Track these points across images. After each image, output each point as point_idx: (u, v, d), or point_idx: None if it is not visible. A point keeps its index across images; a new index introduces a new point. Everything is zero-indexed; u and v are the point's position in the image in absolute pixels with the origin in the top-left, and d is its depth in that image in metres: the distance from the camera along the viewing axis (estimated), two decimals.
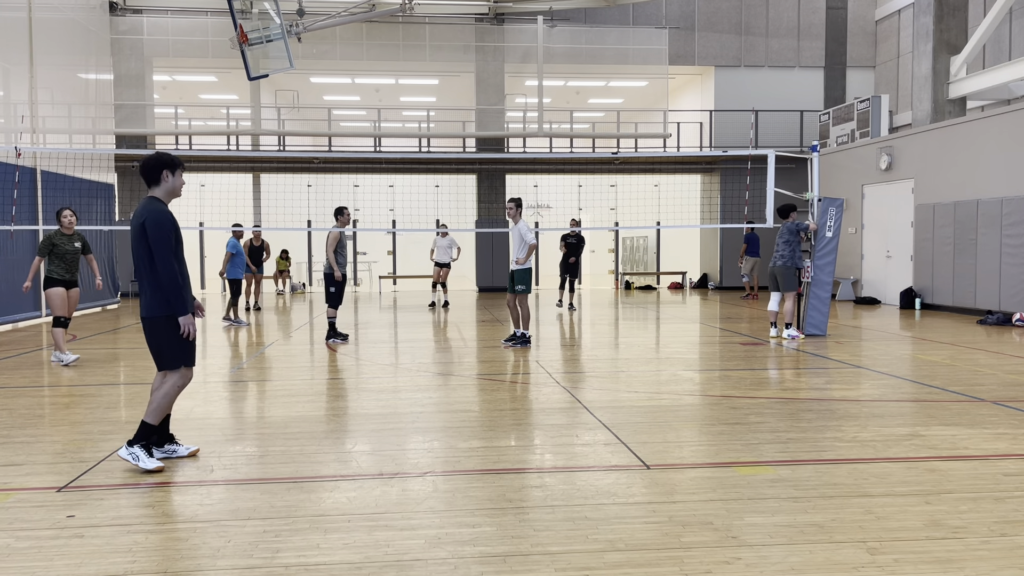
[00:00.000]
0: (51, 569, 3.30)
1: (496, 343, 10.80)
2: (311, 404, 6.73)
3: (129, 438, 4.86)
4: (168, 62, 22.66)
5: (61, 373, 8.56)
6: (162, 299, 4.67)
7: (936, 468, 4.65)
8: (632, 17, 22.77)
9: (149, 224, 4.63)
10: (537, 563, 3.32)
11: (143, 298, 4.76)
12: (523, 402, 6.82)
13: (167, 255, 4.64)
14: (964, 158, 14.96)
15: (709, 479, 4.48)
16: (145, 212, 4.68)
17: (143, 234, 4.64)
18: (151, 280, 4.67)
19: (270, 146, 24.48)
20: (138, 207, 4.78)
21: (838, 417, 6.03)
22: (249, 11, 16.41)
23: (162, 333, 4.72)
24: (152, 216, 4.65)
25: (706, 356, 9.83)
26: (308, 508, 4.02)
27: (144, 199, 4.81)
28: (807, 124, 23.11)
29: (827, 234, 11.30)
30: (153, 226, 4.63)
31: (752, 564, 3.30)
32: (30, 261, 14.14)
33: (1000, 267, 13.86)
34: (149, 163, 4.81)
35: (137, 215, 4.72)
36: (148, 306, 4.72)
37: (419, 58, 22.47)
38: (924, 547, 3.47)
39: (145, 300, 4.74)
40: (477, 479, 4.49)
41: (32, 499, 4.18)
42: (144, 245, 4.65)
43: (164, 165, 4.80)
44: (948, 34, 17.04)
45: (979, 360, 8.98)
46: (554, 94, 26.17)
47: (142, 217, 4.67)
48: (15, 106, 15.36)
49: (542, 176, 24.09)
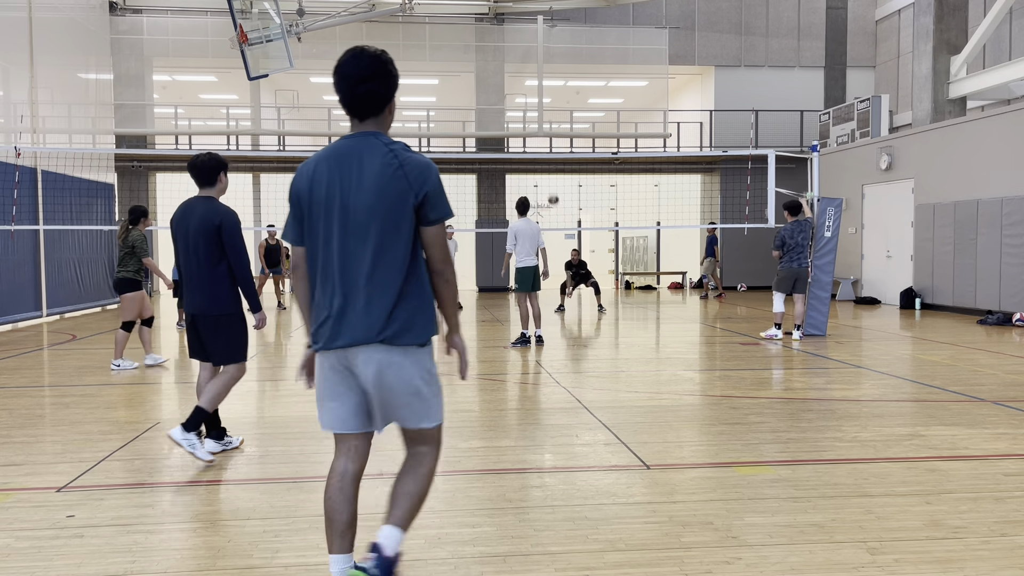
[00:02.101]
0: (51, 569, 3.30)
1: (496, 343, 10.80)
2: (311, 404, 6.73)
3: (183, 422, 4.81)
4: (168, 62, 22.66)
5: (61, 373, 8.55)
6: (235, 296, 4.82)
7: (936, 468, 4.65)
8: (632, 17, 22.77)
9: (226, 226, 4.75)
10: (537, 563, 3.32)
11: (200, 296, 4.79)
12: (523, 402, 6.82)
13: (245, 255, 4.83)
14: (964, 158, 14.96)
15: (709, 479, 4.48)
16: (217, 214, 4.77)
17: (217, 234, 4.73)
18: (215, 278, 4.76)
19: (270, 146, 24.47)
20: (198, 207, 4.82)
21: (838, 417, 6.03)
22: (249, 11, 16.40)
23: (232, 329, 4.85)
24: (228, 218, 4.79)
25: (706, 356, 9.83)
26: (308, 508, 4.02)
27: (201, 199, 4.89)
28: (807, 124, 23.10)
29: (826, 234, 11.31)
30: (230, 227, 4.77)
31: (752, 564, 3.30)
32: (31, 261, 14.17)
33: (1000, 267, 13.86)
34: (207, 164, 4.89)
35: (203, 216, 4.76)
36: (214, 303, 4.78)
37: (419, 58, 22.46)
38: (924, 547, 3.47)
39: (207, 297, 4.78)
40: (477, 479, 4.49)
41: (32, 499, 4.18)
42: (215, 244, 4.73)
43: (222, 167, 4.94)
44: (948, 34, 17.04)
45: (979, 360, 8.98)
46: (554, 94, 26.16)
47: (217, 218, 4.74)
48: (15, 106, 15.37)
49: (542, 176, 24.09)
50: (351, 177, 2.68)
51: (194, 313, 4.87)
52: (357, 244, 2.68)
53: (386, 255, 2.67)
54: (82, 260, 16.00)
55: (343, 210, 2.68)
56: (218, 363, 4.94)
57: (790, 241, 10.80)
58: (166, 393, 7.39)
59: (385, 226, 2.66)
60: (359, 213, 2.66)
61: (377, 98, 2.73)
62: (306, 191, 2.75)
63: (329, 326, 2.72)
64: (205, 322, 4.85)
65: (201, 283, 4.80)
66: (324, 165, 2.73)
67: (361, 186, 2.66)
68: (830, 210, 11.35)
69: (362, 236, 2.67)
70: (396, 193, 2.65)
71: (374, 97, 2.73)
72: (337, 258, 2.70)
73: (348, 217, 2.67)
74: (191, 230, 4.79)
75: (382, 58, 2.73)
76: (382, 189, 2.65)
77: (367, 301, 2.67)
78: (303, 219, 2.77)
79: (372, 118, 2.77)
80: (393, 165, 2.66)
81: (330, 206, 2.70)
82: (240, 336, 4.91)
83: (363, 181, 2.66)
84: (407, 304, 2.70)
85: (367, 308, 2.67)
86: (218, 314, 4.82)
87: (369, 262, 2.67)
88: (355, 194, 2.67)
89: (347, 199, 2.68)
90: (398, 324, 2.68)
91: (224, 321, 4.84)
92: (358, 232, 2.67)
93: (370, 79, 2.70)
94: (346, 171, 2.69)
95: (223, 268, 4.79)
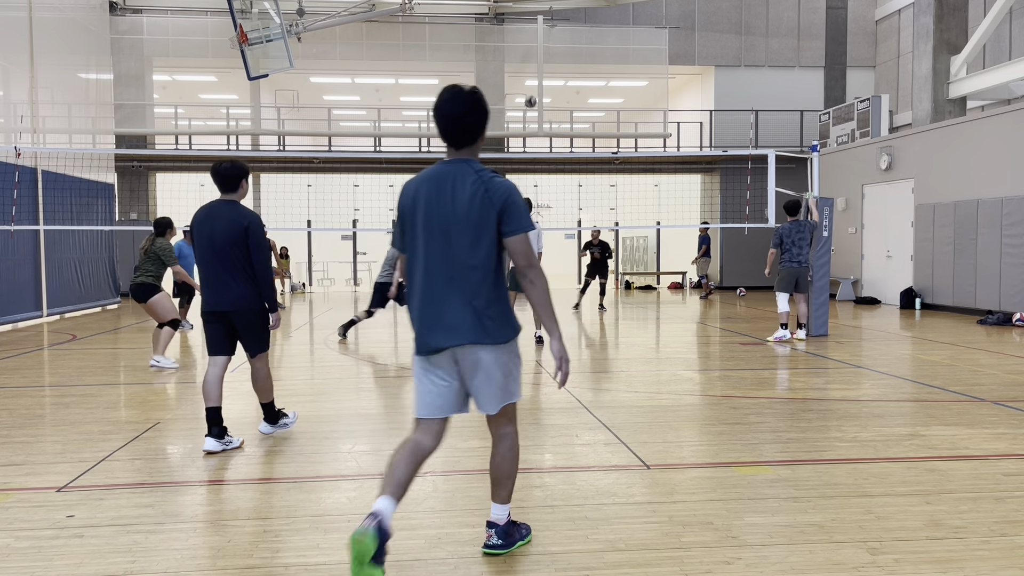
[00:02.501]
0: (51, 569, 3.30)
1: None
2: (311, 404, 6.73)
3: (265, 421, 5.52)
4: (168, 62, 22.67)
5: (61, 373, 8.55)
6: (257, 293, 5.17)
7: (936, 468, 4.65)
8: (632, 17, 22.77)
9: (254, 228, 5.11)
10: (537, 563, 3.32)
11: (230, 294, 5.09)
12: (523, 402, 6.82)
13: (268, 257, 5.24)
14: (964, 158, 14.96)
15: (709, 479, 4.48)
16: (245, 217, 5.12)
17: (245, 236, 5.07)
18: (247, 275, 5.11)
19: (270, 146, 24.48)
20: (226, 211, 5.13)
21: (838, 417, 6.03)
22: (249, 11, 16.40)
23: (262, 322, 5.26)
24: (255, 221, 5.15)
25: (706, 356, 9.83)
26: (308, 508, 4.02)
27: (228, 203, 5.20)
28: (807, 124, 23.11)
29: (824, 234, 11.34)
30: (257, 230, 5.12)
31: (752, 564, 3.30)
32: (31, 261, 14.17)
33: (1000, 267, 13.86)
34: (231, 172, 5.20)
35: (232, 219, 5.09)
36: (245, 298, 5.13)
37: (419, 58, 22.47)
38: (924, 547, 3.47)
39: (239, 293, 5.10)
40: (477, 479, 4.49)
41: (32, 499, 4.18)
42: (243, 245, 5.07)
43: (245, 175, 5.29)
44: (948, 34, 17.04)
45: (979, 360, 8.98)
46: (554, 94, 26.16)
47: (244, 221, 5.09)
48: (15, 106, 15.37)
49: (542, 176, 24.09)
50: (446, 197, 3.16)
51: (223, 310, 5.14)
52: (451, 254, 3.15)
53: (474, 263, 3.14)
54: (82, 260, 16.00)
55: (440, 224, 3.15)
56: (254, 353, 5.32)
57: (787, 240, 10.73)
58: (166, 393, 7.39)
59: (473, 238, 3.13)
60: (452, 227, 3.14)
61: (472, 130, 3.20)
62: (409, 208, 3.24)
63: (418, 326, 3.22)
64: (239, 317, 5.17)
65: (231, 281, 5.09)
66: (424, 186, 3.22)
67: (454, 205, 3.14)
68: (826, 210, 11.38)
69: (453, 247, 3.15)
70: (482, 211, 3.12)
71: (469, 130, 3.20)
72: (436, 265, 3.17)
73: (443, 230, 3.15)
74: (218, 232, 5.05)
75: (476, 95, 3.18)
76: (471, 208, 3.12)
77: (459, 303, 3.15)
78: (405, 231, 3.26)
79: (466, 147, 3.24)
80: (480, 188, 3.13)
81: (428, 221, 3.18)
82: (267, 328, 5.34)
83: (456, 201, 3.14)
84: (494, 306, 3.17)
85: (460, 309, 3.15)
86: (250, 309, 5.17)
87: (462, 269, 3.14)
88: (449, 211, 3.14)
89: (442, 215, 3.15)
90: (484, 323, 3.15)
91: (255, 315, 5.21)
92: (451, 244, 3.15)
93: (467, 115, 3.16)
94: (442, 192, 3.17)
95: (250, 268, 5.13)
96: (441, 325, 3.15)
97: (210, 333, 5.25)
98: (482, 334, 3.14)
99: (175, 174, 22.22)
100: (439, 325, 3.15)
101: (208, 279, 5.13)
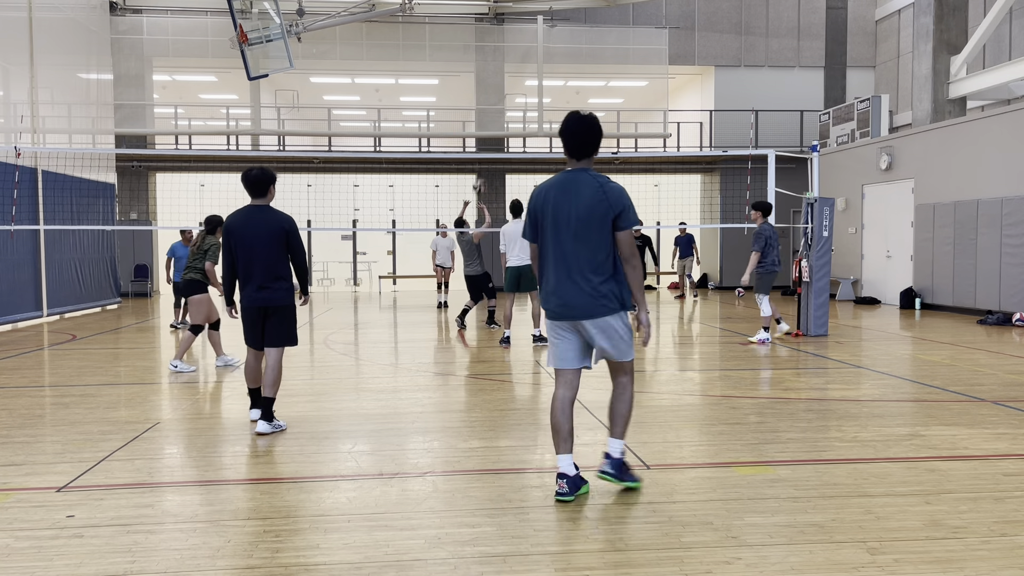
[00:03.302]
0: (51, 569, 3.30)
1: (496, 343, 10.79)
2: (311, 404, 6.73)
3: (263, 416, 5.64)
4: (168, 62, 22.66)
5: (61, 373, 8.55)
6: (291, 290, 5.70)
7: (936, 468, 4.65)
8: (632, 17, 22.77)
9: (293, 230, 5.64)
10: (537, 563, 3.32)
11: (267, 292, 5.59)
12: (523, 402, 6.82)
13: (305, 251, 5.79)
14: (964, 158, 14.96)
15: (709, 479, 4.48)
16: (283, 220, 5.63)
17: (285, 237, 5.59)
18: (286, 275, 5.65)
19: (270, 146, 24.47)
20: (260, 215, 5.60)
21: (838, 417, 6.03)
22: (249, 11, 16.40)
23: (294, 317, 5.77)
24: (293, 223, 5.67)
25: (706, 356, 9.83)
26: (308, 508, 4.02)
27: (261, 207, 5.67)
28: (807, 124, 23.10)
29: (824, 234, 11.32)
30: (295, 231, 5.65)
31: (752, 564, 3.30)
32: (31, 261, 14.17)
33: (1000, 267, 13.86)
34: (260, 178, 5.66)
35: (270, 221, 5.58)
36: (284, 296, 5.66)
37: (419, 58, 22.46)
38: (924, 547, 3.47)
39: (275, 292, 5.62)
40: (477, 479, 4.49)
41: (32, 499, 4.18)
42: (284, 246, 5.60)
43: (272, 181, 5.75)
44: (948, 34, 17.04)
45: (979, 360, 8.98)
46: (554, 94, 26.15)
47: (283, 223, 5.61)
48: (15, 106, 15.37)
49: (542, 176, 23.97)
50: (571, 199, 4.02)
51: (262, 307, 5.64)
52: (576, 244, 4.01)
53: (594, 251, 3.99)
54: (82, 260, 16.00)
55: (566, 221, 4.02)
56: (287, 344, 5.76)
57: (771, 242, 10.40)
58: (166, 393, 7.39)
59: (593, 232, 3.98)
60: (576, 224, 3.99)
61: (590, 146, 4.11)
62: (540, 208, 4.13)
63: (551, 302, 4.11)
64: (277, 312, 5.67)
65: (269, 280, 5.58)
66: (552, 191, 4.11)
67: (579, 206, 3.99)
68: (826, 210, 11.36)
69: (578, 238, 4.00)
70: (600, 210, 3.96)
71: (589, 146, 4.10)
72: (563, 253, 4.04)
73: (569, 226, 4.01)
74: (260, 234, 5.54)
75: (594, 119, 4.12)
76: (591, 208, 3.97)
77: (582, 283, 4.00)
78: (538, 225, 4.15)
79: (585, 159, 4.12)
80: (599, 192, 3.99)
81: (556, 218, 4.05)
82: (296, 322, 5.83)
83: (579, 202, 4.00)
84: (608, 284, 4.00)
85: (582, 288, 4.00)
86: (286, 305, 5.69)
87: (584, 256, 3.99)
88: (574, 211, 4.00)
89: (569, 214, 4.01)
90: (600, 299, 3.99)
91: (290, 311, 5.74)
92: (576, 236, 4.00)
93: (588, 134, 4.08)
94: (569, 195, 4.04)
95: (288, 266, 5.68)
96: (568, 300, 4.02)
97: (249, 327, 5.73)
98: (598, 308, 3.98)
99: (175, 174, 22.22)
100: (567, 300, 4.03)
101: (248, 278, 5.60)
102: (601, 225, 3.96)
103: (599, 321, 4.00)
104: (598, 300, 3.97)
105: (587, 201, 3.96)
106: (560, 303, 4.04)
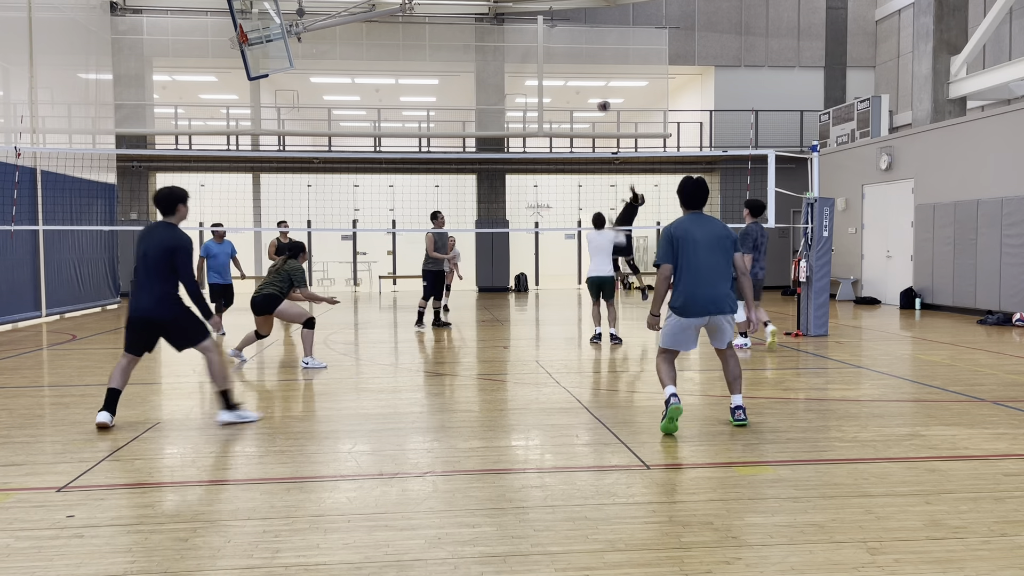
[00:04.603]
0: (51, 569, 3.30)
1: (496, 343, 10.79)
2: (311, 404, 6.73)
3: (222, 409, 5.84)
4: (168, 62, 22.65)
5: (61, 373, 8.55)
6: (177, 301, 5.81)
7: (936, 468, 4.65)
8: (632, 17, 22.76)
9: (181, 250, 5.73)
10: (537, 563, 3.32)
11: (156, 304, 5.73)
12: (523, 402, 6.82)
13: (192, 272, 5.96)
14: (964, 158, 14.96)
15: (709, 479, 4.48)
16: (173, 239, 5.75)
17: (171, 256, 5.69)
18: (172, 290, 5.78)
19: (270, 146, 24.47)
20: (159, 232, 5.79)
21: (838, 417, 6.04)
22: (249, 11, 16.38)
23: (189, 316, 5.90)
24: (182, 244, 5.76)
25: (706, 356, 9.83)
26: (308, 508, 4.02)
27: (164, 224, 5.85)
28: (807, 124, 23.09)
29: (824, 234, 11.32)
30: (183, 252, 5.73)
31: (752, 564, 3.30)
32: (31, 261, 14.17)
33: (1000, 267, 13.86)
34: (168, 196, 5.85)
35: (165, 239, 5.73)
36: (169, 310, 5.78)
37: (419, 58, 22.46)
38: (924, 547, 3.47)
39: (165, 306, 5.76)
40: (477, 479, 4.49)
41: (32, 499, 4.18)
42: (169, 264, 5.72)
43: (180, 200, 5.90)
44: (948, 34, 17.04)
45: (979, 360, 8.98)
46: (554, 94, 26.15)
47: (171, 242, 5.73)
48: (15, 106, 15.36)
49: (542, 176, 24.08)
50: (703, 231, 5.58)
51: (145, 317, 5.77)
52: (711, 262, 5.53)
53: (721, 267, 5.57)
54: (82, 260, 16.00)
55: (704, 246, 5.54)
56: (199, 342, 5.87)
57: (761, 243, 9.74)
58: (166, 393, 7.39)
59: (719, 254, 5.58)
60: (709, 248, 5.55)
61: (703, 200, 5.76)
62: (683, 237, 5.54)
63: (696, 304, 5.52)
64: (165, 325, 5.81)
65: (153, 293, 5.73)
66: (689, 225, 5.61)
67: (710, 235, 5.58)
68: (826, 210, 11.36)
69: (711, 257, 5.54)
70: (724, 239, 5.62)
71: (701, 200, 5.75)
72: (700, 269, 5.51)
73: (705, 249, 5.54)
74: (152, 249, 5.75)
75: (702, 181, 5.79)
76: (718, 237, 5.60)
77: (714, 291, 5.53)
78: (677, 250, 5.55)
79: (701, 207, 5.76)
80: (724, 228, 5.67)
81: (695, 244, 5.53)
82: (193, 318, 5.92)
83: (711, 234, 5.58)
84: (729, 291, 5.59)
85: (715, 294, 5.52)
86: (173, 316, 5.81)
87: (717, 271, 5.54)
88: (706, 238, 5.56)
89: (702, 241, 5.54)
90: (728, 301, 5.56)
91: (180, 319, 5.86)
92: (709, 256, 5.54)
93: (700, 191, 5.76)
94: (703, 228, 5.60)
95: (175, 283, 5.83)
96: (705, 305, 5.50)
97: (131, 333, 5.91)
98: (725, 308, 5.54)
99: (175, 174, 22.21)
100: (704, 305, 5.49)
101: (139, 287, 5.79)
102: (725, 250, 5.60)
103: (721, 318, 5.55)
104: (724, 304, 5.53)
105: (715, 232, 5.58)
106: (698, 308, 5.49)
